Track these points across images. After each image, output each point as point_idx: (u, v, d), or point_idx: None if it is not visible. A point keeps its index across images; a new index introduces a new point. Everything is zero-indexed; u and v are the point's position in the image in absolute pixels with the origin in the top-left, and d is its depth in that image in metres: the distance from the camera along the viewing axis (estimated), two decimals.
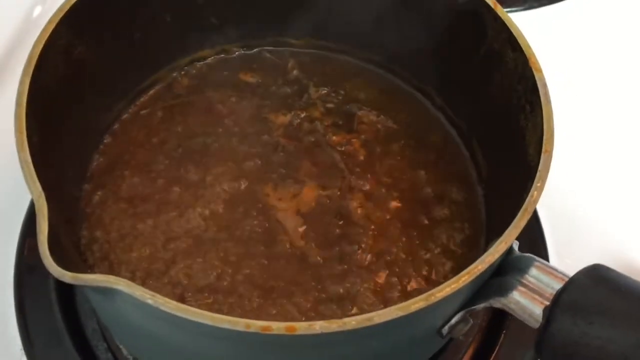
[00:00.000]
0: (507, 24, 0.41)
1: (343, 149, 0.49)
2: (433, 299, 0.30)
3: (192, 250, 0.43)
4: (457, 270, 0.43)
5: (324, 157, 0.48)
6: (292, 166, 0.48)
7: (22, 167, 0.34)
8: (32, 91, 0.37)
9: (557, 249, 0.51)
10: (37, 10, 0.61)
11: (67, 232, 0.40)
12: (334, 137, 0.50)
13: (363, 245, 0.44)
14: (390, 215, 0.46)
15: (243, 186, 0.47)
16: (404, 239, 0.45)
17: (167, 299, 0.30)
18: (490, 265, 0.32)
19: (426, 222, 0.46)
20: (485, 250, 0.42)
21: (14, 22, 0.60)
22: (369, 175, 0.48)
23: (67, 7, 0.40)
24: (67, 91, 0.42)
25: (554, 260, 0.50)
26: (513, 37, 0.41)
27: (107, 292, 0.31)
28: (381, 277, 0.43)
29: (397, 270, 0.44)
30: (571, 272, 0.36)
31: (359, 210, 0.46)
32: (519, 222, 0.33)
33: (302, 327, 0.29)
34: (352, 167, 0.48)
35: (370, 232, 0.45)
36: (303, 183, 0.47)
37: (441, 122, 0.50)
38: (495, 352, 0.45)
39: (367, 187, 0.47)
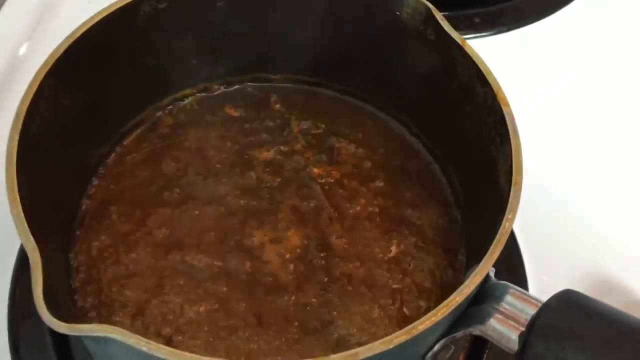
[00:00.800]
0: (475, 60, 0.43)
1: (324, 180, 0.51)
2: (415, 332, 0.32)
3: (182, 289, 0.45)
4: (439, 295, 0.45)
5: (306, 190, 0.50)
6: (275, 201, 0.49)
7: (15, 223, 0.35)
8: (21, 145, 0.38)
9: (535, 267, 0.53)
10: (24, 47, 0.63)
11: (58, 278, 0.41)
12: (315, 170, 0.51)
13: (346, 276, 0.46)
14: (372, 244, 0.47)
15: (228, 224, 0.48)
16: (386, 265, 0.46)
17: (160, 345, 0.31)
18: (467, 296, 0.34)
19: (408, 247, 0.47)
20: (466, 270, 0.45)
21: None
22: (349, 205, 0.49)
23: (52, 60, 0.41)
24: (53, 139, 0.43)
25: (532, 277, 0.52)
26: (481, 72, 0.43)
27: (102, 341, 0.32)
28: (366, 305, 0.45)
29: (381, 297, 0.45)
30: (548, 290, 0.38)
31: (341, 241, 0.47)
32: (492, 254, 0.35)
33: None
34: (332, 198, 0.50)
35: (352, 263, 0.46)
36: (285, 218, 0.48)
37: (419, 151, 0.52)
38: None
39: (348, 217, 0.49)
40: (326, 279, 0.46)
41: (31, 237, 0.34)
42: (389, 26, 0.49)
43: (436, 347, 0.37)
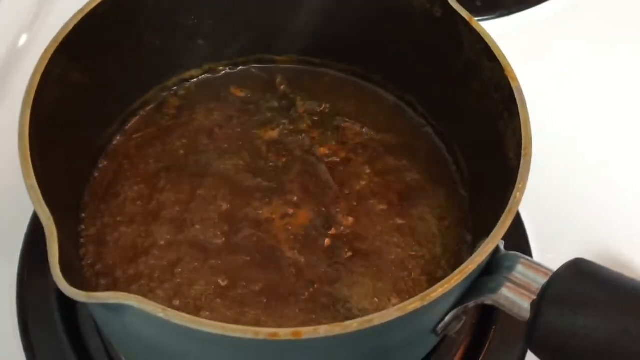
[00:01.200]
0: (483, 36, 0.44)
1: (329, 160, 0.51)
2: (428, 299, 0.32)
3: (192, 263, 0.45)
4: (447, 271, 0.46)
5: (312, 169, 0.50)
6: (281, 180, 0.49)
7: (30, 193, 0.35)
8: (32, 120, 0.38)
9: (539, 245, 0.53)
10: (23, 38, 0.62)
11: (70, 252, 0.41)
12: (321, 149, 0.52)
13: (354, 252, 0.46)
14: (378, 221, 0.48)
15: (236, 202, 0.48)
16: (393, 241, 0.47)
17: (177, 312, 0.31)
18: (479, 265, 0.34)
19: (414, 224, 0.48)
20: (473, 248, 0.45)
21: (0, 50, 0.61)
22: (355, 184, 0.49)
23: (62, 37, 0.41)
24: (62, 117, 0.43)
25: (536, 255, 0.53)
26: (489, 48, 0.43)
27: (118, 309, 0.32)
28: (375, 281, 0.45)
29: (390, 272, 0.45)
30: (554, 266, 0.38)
31: (348, 219, 0.48)
32: (504, 223, 0.35)
33: (308, 332, 0.31)
34: (338, 177, 0.50)
35: (360, 240, 0.47)
36: (292, 196, 0.48)
37: (424, 129, 0.53)
38: (487, 346, 0.47)
39: (354, 195, 0.49)
40: (334, 256, 0.46)
41: (46, 207, 0.34)
42: (395, 4, 0.49)
43: (447, 318, 0.38)
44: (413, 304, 0.32)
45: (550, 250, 0.53)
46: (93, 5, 0.43)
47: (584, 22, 0.67)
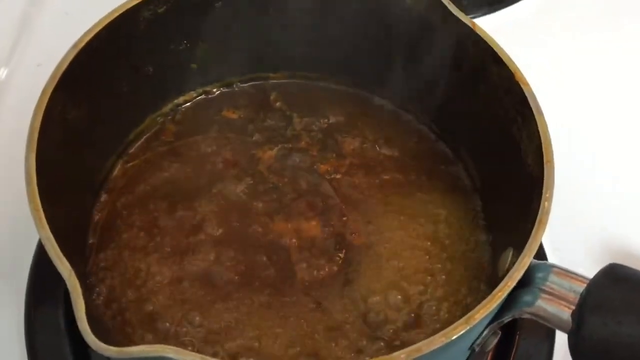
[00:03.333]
0: (489, 42, 0.43)
1: (332, 177, 0.50)
2: (472, 321, 0.32)
3: (206, 295, 0.44)
4: (461, 283, 0.45)
5: (314, 187, 0.49)
6: (284, 201, 0.48)
7: (46, 246, 0.33)
8: (38, 163, 0.37)
9: (552, 244, 0.53)
10: (3, 72, 0.60)
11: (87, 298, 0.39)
12: (322, 166, 0.50)
13: (366, 271, 0.45)
14: (389, 234, 0.47)
15: (239, 226, 0.47)
16: (407, 257, 0.46)
17: None
18: (518, 280, 0.34)
19: (425, 236, 0.47)
20: (493, 262, 0.44)
21: None
22: (361, 200, 0.48)
23: (58, 74, 0.40)
24: (63, 156, 0.41)
25: (550, 254, 0.52)
26: (496, 54, 0.43)
27: None
28: (390, 296, 0.44)
29: (404, 289, 0.45)
30: (573, 267, 0.38)
31: (357, 237, 0.47)
32: (537, 234, 0.35)
33: None
34: (342, 194, 0.49)
35: (370, 257, 0.46)
36: (297, 217, 0.47)
37: (427, 138, 0.52)
38: (513, 353, 0.47)
39: (361, 211, 0.48)
40: (346, 275, 0.45)
41: (65, 259, 0.33)
42: (393, 14, 0.48)
43: (484, 334, 0.37)
44: (458, 328, 0.31)
45: (563, 249, 0.53)
46: (87, 39, 0.41)
47: (570, 13, 0.67)
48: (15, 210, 0.52)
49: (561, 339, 0.48)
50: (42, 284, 0.49)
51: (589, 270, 0.38)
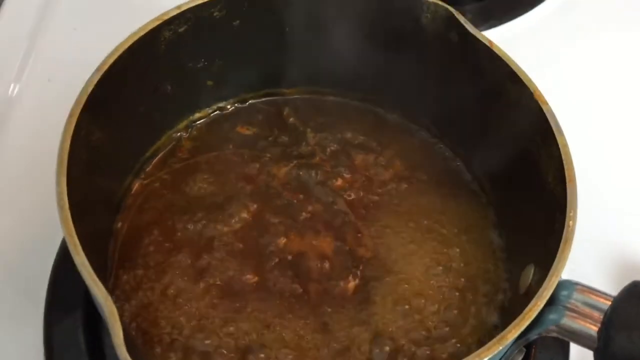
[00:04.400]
0: (506, 61, 0.44)
1: (346, 193, 0.50)
2: (505, 341, 0.32)
3: (229, 309, 0.44)
4: (478, 298, 0.45)
5: (329, 205, 0.49)
6: (299, 218, 0.48)
7: (82, 272, 0.33)
8: (68, 187, 0.37)
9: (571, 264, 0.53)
10: (15, 89, 0.60)
11: None
12: (337, 183, 0.51)
13: (381, 287, 0.45)
14: (404, 252, 0.47)
15: (255, 243, 0.47)
16: (421, 277, 0.46)
17: None
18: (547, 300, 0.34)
19: (441, 254, 0.47)
20: (513, 277, 0.45)
21: None
22: (375, 216, 0.49)
23: (84, 98, 0.40)
24: (87, 178, 0.41)
25: (568, 274, 0.53)
26: (514, 72, 0.43)
27: None
28: (406, 312, 0.45)
29: (420, 304, 0.45)
30: (582, 277, 0.38)
31: (372, 254, 0.47)
32: (563, 254, 0.36)
33: None
34: (357, 210, 0.49)
35: (387, 276, 0.46)
36: (311, 234, 0.48)
37: (443, 155, 0.52)
38: None
39: (376, 229, 0.48)
40: (364, 295, 0.45)
41: (102, 286, 0.33)
42: (409, 32, 0.49)
43: (509, 352, 0.38)
44: (492, 349, 0.32)
45: (575, 260, 0.53)
46: (110, 61, 0.41)
47: (575, 22, 0.68)
48: (31, 227, 0.53)
49: (575, 352, 0.49)
50: (61, 302, 0.48)
51: (604, 285, 0.39)
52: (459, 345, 0.42)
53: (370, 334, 0.43)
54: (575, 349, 0.48)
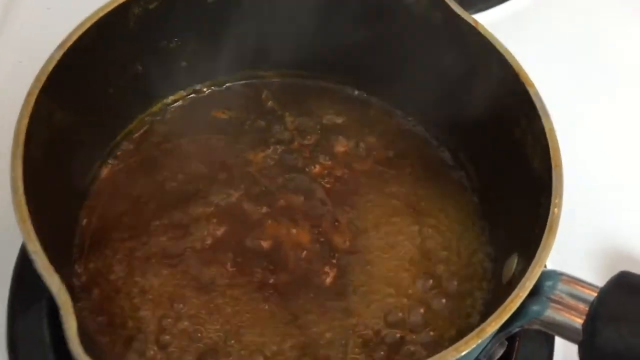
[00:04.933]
0: (492, 41, 0.42)
1: (325, 180, 0.48)
2: (484, 334, 0.31)
3: (199, 300, 0.42)
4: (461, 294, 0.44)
5: (307, 191, 0.47)
6: (276, 205, 0.47)
7: (35, 260, 0.32)
8: (24, 171, 0.35)
9: (557, 253, 0.52)
10: None
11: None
12: (315, 170, 0.49)
13: (357, 278, 0.44)
14: (382, 243, 0.45)
15: (229, 230, 0.45)
16: (401, 261, 0.45)
17: None
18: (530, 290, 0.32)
19: (420, 242, 0.45)
20: (495, 269, 0.43)
21: None
22: (354, 203, 0.47)
23: (44, 76, 0.38)
24: (50, 161, 0.40)
25: (554, 264, 0.51)
26: (499, 53, 0.42)
27: None
28: (384, 301, 0.43)
29: (397, 293, 0.43)
30: (574, 272, 0.37)
31: (348, 244, 0.45)
32: (547, 242, 0.34)
33: None
34: (335, 197, 0.47)
35: (362, 263, 0.44)
36: (288, 221, 0.46)
37: (425, 140, 0.50)
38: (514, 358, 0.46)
39: (353, 217, 0.46)
40: (338, 282, 0.43)
41: (55, 274, 0.31)
42: (391, 13, 0.47)
43: (491, 345, 0.36)
44: (470, 342, 0.30)
45: (562, 250, 0.52)
46: (74, 38, 0.39)
47: (564, 6, 0.66)
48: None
49: (560, 345, 0.47)
50: (25, 296, 0.47)
51: (591, 275, 0.37)
52: (437, 337, 0.40)
53: (344, 325, 0.41)
54: (560, 341, 0.47)
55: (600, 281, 0.36)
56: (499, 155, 0.44)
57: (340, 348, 0.40)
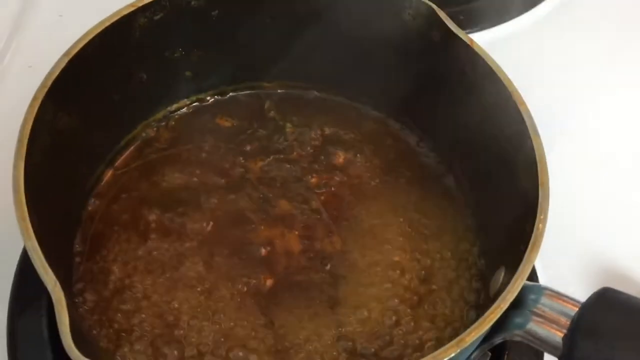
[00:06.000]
0: (486, 60, 0.43)
1: (322, 190, 0.49)
2: (463, 344, 0.31)
3: (196, 305, 0.43)
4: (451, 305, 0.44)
5: (303, 201, 0.48)
6: (272, 213, 0.48)
7: (32, 256, 0.33)
8: (26, 172, 0.36)
9: (543, 264, 0.53)
10: None
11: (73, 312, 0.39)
12: (312, 179, 0.50)
13: (347, 287, 0.44)
14: (375, 252, 0.46)
15: (226, 236, 0.46)
16: (389, 273, 0.45)
17: None
18: (511, 302, 0.33)
19: (413, 255, 0.46)
20: (484, 281, 0.44)
21: None
22: (349, 214, 0.48)
23: (50, 82, 0.39)
24: (53, 164, 0.41)
25: (542, 276, 0.52)
26: (493, 72, 0.42)
27: None
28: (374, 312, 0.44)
29: (386, 302, 0.44)
30: (564, 288, 0.37)
31: (341, 253, 0.46)
32: (530, 257, 0.35)
33: None
34: (331, 208, 0.48)
35: (353, 273, 0.45)
36: (282, 229, 0.47)
37: (422, 155, 0.51)
38: None
39: (348, 228, 0.47)
40: (327, 291, 0.44)
41: (51, 271, 0.32)
42: (390, 30, 0.48)
43: (474, 355, 0.37)
44: (449, 350, 0.31)
45: (554, 269, 0.52)
46: (79, 46, 0.41)
47: (564, 29, 0.67)
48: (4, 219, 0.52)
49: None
50: (26, 293, 0.47)
51: (580, 291, 0.38)
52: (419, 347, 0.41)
53: (332, 334, 0.42)
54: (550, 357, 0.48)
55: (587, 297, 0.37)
56: (492, 172, 0.45)
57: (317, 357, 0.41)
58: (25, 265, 0.49)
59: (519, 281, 0.34)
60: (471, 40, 0.44)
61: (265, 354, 0.41)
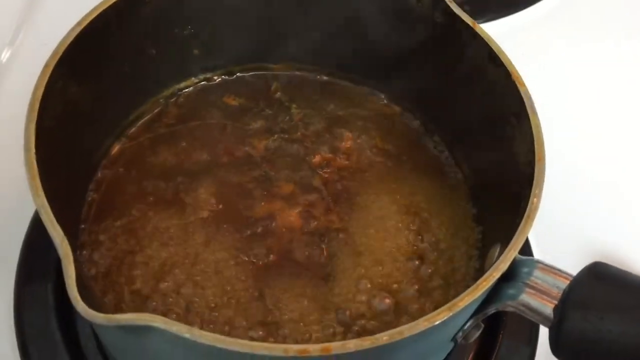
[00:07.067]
0: (487, 41, 0.44)
1: (323, 170, 0.50)
2: (456, 308, 0.32)
3: (198, 272, 0.44)
4: (449, 280, 0.45)
5: (305, 178, 0.49)
6: (273, 190, 0.49)
7: (41, 213, 0.34)
8: (37, 135, 0.37)
9: (539, 246, 0.54)
10: (6, 53, 0.61)
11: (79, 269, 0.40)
12: (315, 159, 0.51)
13: (344, 264, 0.45)
14: (375, 232, 0.47)
15: (228, 210, 0.47)
16: (391, 258, 0.46)
17: (203, 332, 0.30)
18: (503, 272, 0.34)
19: (412, 233, 0.47)
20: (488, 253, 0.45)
21: None
22: (349, 194, 0.49)
23: (61, 50, 0.40)
24: (63, 130, 0.42)
25: (537, 255, 0.53)
26: (494, 53, 0.43)
27: (139, 330, 0.31)
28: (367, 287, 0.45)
29: (388, 281, 0.45)
30: (563, 267, 0.38)
31: (340, 230, 0.47)
32: (524, 229, 0.35)
33: (337, 347, 0.31)
34: (332, 188, 0.49)
35: (351, 250, 0.46)
36: (282, 207, 0.48)
37: (424, 137, 0.52)
38: (496, 352, 0.47)
39: (348, 207, 0.48)
40: (325, 267, 0.45)
41: (59, 227, 0.33)
42: (394, 11, 0.49)
43: (467, 326, 0.37)
44: (441, 314, 0.32)
45: (550, 250, 0.53)
46: (90, 18, 0.42)
47: (574, 22, 0.68)
48: (10, 190, 0.53)
49: (543, 339, 0.49)
50: (33, 262, 0.49)
51: (574, 267, 0.39)
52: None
53: (327, 308, 0.43)
54: (543, 336, 0.48)
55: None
56: (491, 151, 0.46)
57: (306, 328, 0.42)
58: (32, 236, 0.50)
59: (512, 252, 0.34)
60: (473, 22, 0.44)
61: (258, 325, 0.42)
